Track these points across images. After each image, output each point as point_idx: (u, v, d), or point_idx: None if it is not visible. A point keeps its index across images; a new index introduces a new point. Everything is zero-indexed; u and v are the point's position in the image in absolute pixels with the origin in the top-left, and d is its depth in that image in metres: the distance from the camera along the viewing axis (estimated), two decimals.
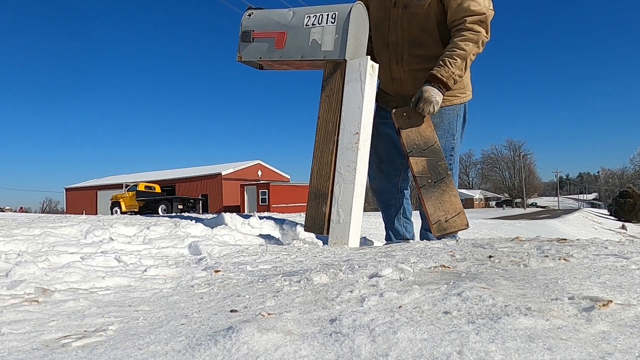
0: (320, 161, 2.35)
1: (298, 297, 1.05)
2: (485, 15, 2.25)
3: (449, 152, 2.50)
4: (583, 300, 0.82)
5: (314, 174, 2.36)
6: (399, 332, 0.71)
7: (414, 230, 2.79)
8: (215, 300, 1.14)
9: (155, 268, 1.63)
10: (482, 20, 2.25)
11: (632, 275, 1.01)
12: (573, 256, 1.27)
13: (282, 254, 1.85)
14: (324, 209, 2.29)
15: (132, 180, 31.70)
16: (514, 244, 1.59)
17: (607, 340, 0.65)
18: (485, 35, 2.28)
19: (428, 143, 2.35)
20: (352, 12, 2.26)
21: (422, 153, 2.35)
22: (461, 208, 2.33)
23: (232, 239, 2.33)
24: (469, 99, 2.58)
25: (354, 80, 2.28)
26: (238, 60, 2.55)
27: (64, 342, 0.83)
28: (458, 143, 2.57)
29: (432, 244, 1.82)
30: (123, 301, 1.21)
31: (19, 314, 1.05)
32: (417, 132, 2.37)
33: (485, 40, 2.30)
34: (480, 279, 1.05)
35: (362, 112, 2.25)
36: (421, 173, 2.36)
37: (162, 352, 0.74)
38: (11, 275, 1.38)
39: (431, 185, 2.33)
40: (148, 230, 2.43)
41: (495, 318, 0.75)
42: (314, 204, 2.34)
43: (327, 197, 2.29)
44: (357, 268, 1.30)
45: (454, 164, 2.55)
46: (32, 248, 1.90)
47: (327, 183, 2.30)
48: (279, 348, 0.69)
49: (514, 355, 0.60)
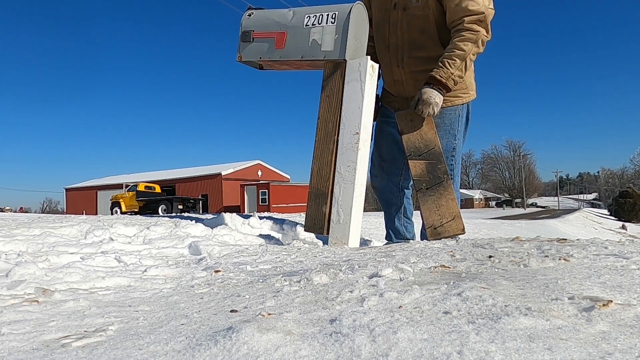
0: (320, 161, 2.35)
1: (298, 297, 1.05)
2: (484, 14, 2.24)
3: (450, 152, 2.49)
4: (583, 300, 0.82)
5: (314, 174, 2.36)
6: (399, 332, 0.71)
7: (415, 230, 2.79)
8: (215, 300, 1.14)
9: (155, 268, 1.63)
10: (481, 19, 2.24)
11: (632, 275, 1.01)
12: (573, 256, 1.27)
13: (282, 254, 1.85)
14: (324, 209, 2.29)
15: (132, 180, 31.70)
16: (514, 244, 1.59)
17: (607, 340, 0.65)
18: (485, 35, 2.26)
19: (429, 146, 2.35)
20: (352, 12, 2.26)
21: (421, 156, 2.34)
22: (458, 212, 2.30)
23: (232, 239, 2.33)
24: (472, 98, 2.56)
25: (354, 80, 2.28)
26: (238, 60, 2.55)
27: (64, 342, 0.83)
28: (460, 144, 2.56)
29: (432, 244, 1.82)
30: (123, 301, 1.21)
31: (19, 314, 1.05)
32: (418, 135, 2.36)
33: (486, 39, 2.29)
34: (480, 279, 1.05)
35: (362, 112, 2.25)
36: (419, 176, 2.35)
37: (162, 352, 0.74)
38: (11, 276, 1.38)
39: (428, 189, 2.32)
40: (148, 230, 2.43)
41: (495, 318, 0.75)
42: (314, 204, 2.34)
43: (327, 197, 2.29)
44: (357, 268, 1.30)
45: (455, 165, 2.54)
46: (32, 248, 1.90)
47: (327, 183, 2.30)
48: (279, 348, 0.69)
49: (514, 355, 0.60)
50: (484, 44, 2.30)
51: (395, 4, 2.40)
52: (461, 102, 2.50)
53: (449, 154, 2.48)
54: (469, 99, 2.54)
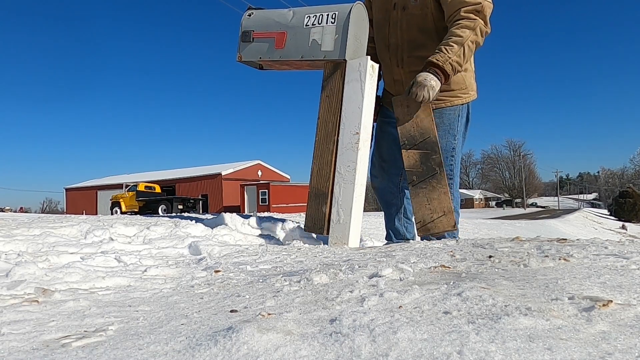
0: (320, 161, 2.35)
1: (298, 297, 1.05)
2: (480, 4, 2.21)
3: (450, 152, 2.49)
4: (583, 300, 0.82)
5: (314, 174, 2.36)
6: (399, 332, 0.71)
7: (415, 230, 2.79)
8: (215, 300, 1.14)
9: (155, 268, 1.63)
10: (478, 9, 2.21)
11: (632, 275, 1.01)
12: (573, 256, 1.27)
13: (282, 254, 1.85)
14: (324, 209, 2.29)
15: (132, 180, 31.69)
16: (514, 244, 1.59)
17: (607, 340, 0.65)
18: (483, 25, 2.23)
19: (424, 135, 2.25)
20: (352, 12, 2.26)
21: (416, 146, 2.25)
22: (450, 208, 2.20)
23: (232, 239, 2.33)
24: (472, 99, 2.55)
25: (354, 80, 2.28)
26: (238, 60, 2.55)
27: (64, 342, 0.83)
28: (460, 144, 2.55)
29: (432, 244, 1.82)
30: (123, 301, 1.21)
31: (19, 314, 1.05)
32: (414, 123, 2.27)
33: (484, 29, 2.25)
34: (481, 279, 1.05)
35: (362, 112, 2.24)
36: (412, 167, 2.26)
37: (162, 352, 0.74)
38: (11, 276, 1.38)
39: (421, 181, 2.22)
40: (148, 230, 2.43)
41: (495, 318, 0.75)
42: (314, 204, 2.34)
43: (327, 197, 2.29)
44: (357, 268, 1.30)
45: (454, 165, 2.53)
46: (32, 248, 1.90)
47: (327, 183, 2.30)
48: (279, 348, 0.69)
49: (514, 355, 0.60)
50: (483, 34, 2.26)
51: (395, 3, 2.40)
52: (461, 102, 2.50)
53: (449, 154, 2.47)
54: (468, 99, 2.54)
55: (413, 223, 2.81)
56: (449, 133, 2.49)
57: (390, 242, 2.68)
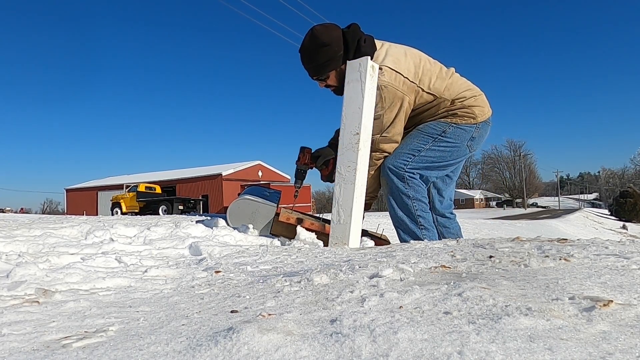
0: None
1: (298, 298, 1.05)
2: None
3: (416, 147, 2.54)
4: (584, 300, 0.82)
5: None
6: (400, 332, 0.71)
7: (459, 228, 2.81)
8: (215, 300, 1.14)
9: (155, 269, 1.63)
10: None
11: (633, 275, 1.01)
12: (574, 256, 1.27)
13: (282, 254, 1.85)
14: None
15: (132, 181, 31.73)
16: (514, 244, 1.59)
17: (607, 340, 0.65)
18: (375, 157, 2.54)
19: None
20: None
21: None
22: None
23: (233, 240, 2.33)
24: (461, 122, 2.53)
25: (354, 80, 2.28)
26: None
27: (65, 343, 0.83)
28: (428, 152, 2.53)
29: (432, 244, 1.82)
30: (124, 302, 1.21)
31: (19, 314, 1.05)
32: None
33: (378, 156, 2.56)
34: (481, 279, 1.05)
35: (362, 113, 2.25)
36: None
37: (163, 352, 0.74)
38: (12, 276, 1.38)
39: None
40: (148, 230, 2.43)
41: (495, 318, 0.75)
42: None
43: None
44: (357, 268, 1.30)
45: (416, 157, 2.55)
46: (32, 249, 1.90)
47: None
48: (280, 348, 0.69)
49: (515, 355, 0.60)
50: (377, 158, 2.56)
51: None
52: (445, 122, 2.54)
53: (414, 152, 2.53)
54: (456, 120, 2.54)
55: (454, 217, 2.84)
56: (421, 136, 2.55)
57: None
